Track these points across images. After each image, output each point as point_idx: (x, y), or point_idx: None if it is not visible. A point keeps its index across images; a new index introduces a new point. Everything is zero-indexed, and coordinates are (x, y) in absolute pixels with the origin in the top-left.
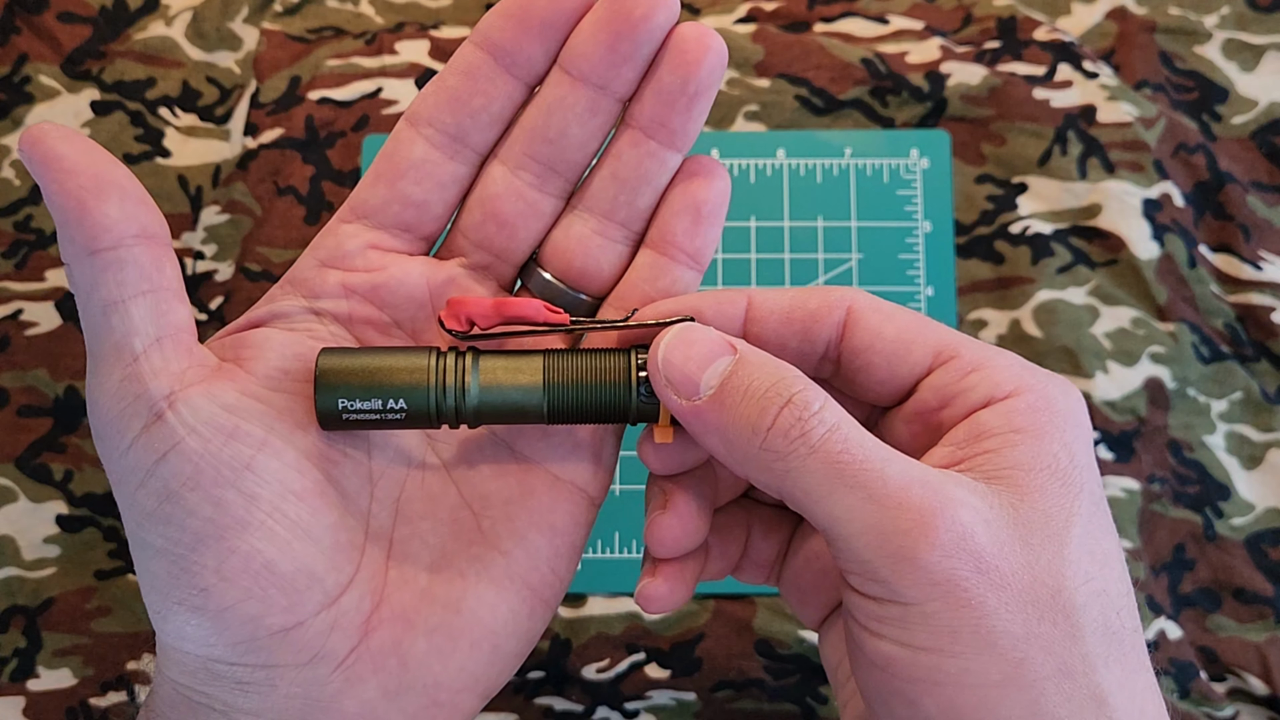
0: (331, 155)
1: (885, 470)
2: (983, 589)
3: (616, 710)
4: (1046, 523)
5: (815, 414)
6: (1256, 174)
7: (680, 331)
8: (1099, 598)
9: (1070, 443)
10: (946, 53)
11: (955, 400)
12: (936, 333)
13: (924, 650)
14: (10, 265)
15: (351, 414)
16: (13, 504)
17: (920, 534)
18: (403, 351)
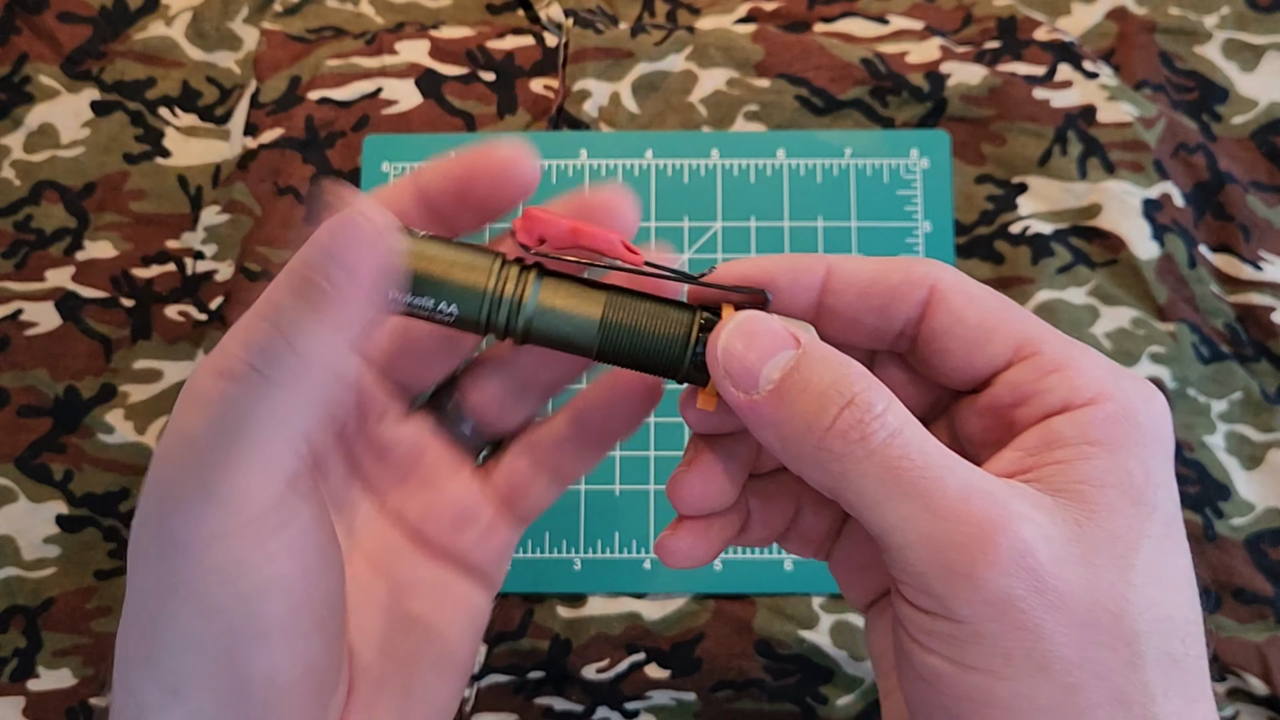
0: (331, 155)
1: (945, 479)
2: (1039, 610)
3: (616, 710)
4: (1113, 544)
5: (877, 417)
6: (1256, 174)
7: (743, 321)
8: (1163, 624)
9: (1147, 459)
10: (946, 53)
11: (1031, 400)
12: (1021, 323)
13: (975, 670)
14: (10, 265)
15: (416, 307)
16: (13, 504)
17: (979, 549)
18: (469, 249)
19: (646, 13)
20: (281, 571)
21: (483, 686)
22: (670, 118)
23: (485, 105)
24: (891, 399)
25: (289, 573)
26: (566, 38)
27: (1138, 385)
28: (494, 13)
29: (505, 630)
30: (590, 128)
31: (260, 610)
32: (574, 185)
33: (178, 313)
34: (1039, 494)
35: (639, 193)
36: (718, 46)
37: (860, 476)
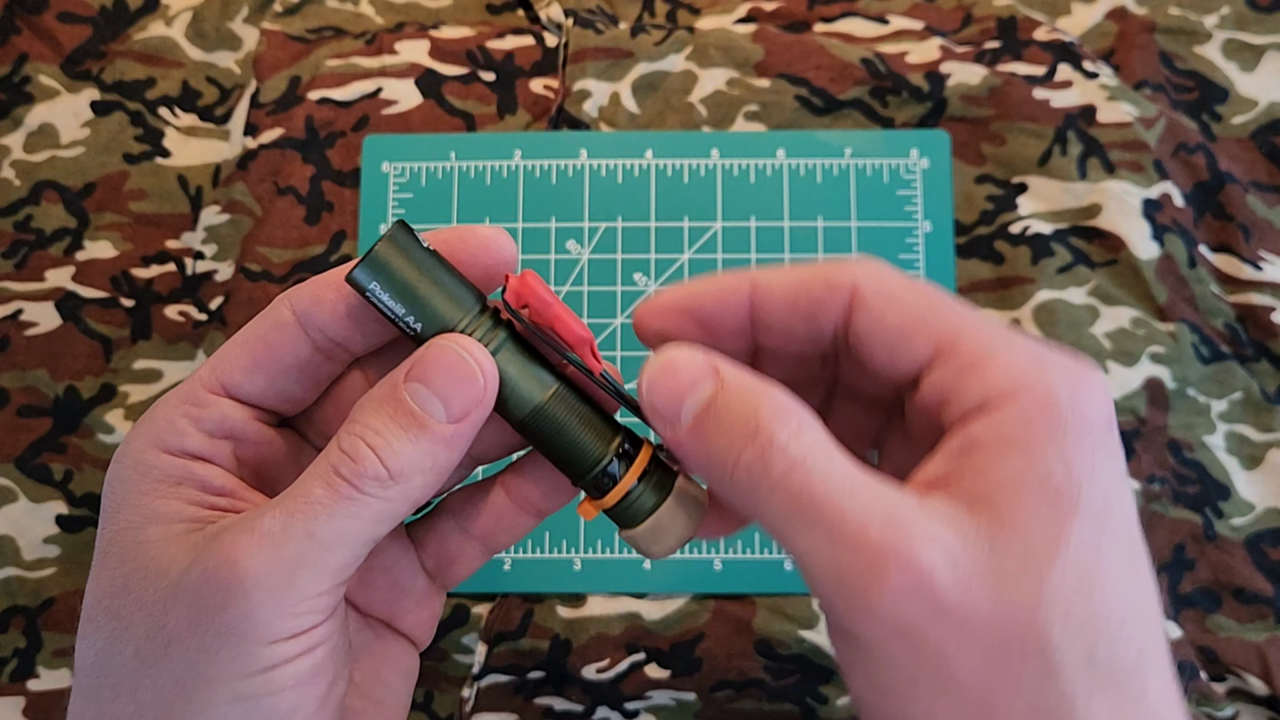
0: (331, 155)
1: (845, 507)
2: (941, 632)
3: (616, 710)
4: (1026, 553)
5: (780, 448)
6: (1256, 174)
7: (666, 357)
8: (1083, 631)
9: (1070, 453)
10: (946, 53)
11: (952, 401)
12: (942, 320)
13: (888, 693)
14: (10, 265)
15: (375, 300)
16: (13, 504)
17: (872, 577)
18: (456, 282)
19: (646, 13)
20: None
21: (483, 686)
22: (670, 118)
23: (485, 105)
24: (800, 426)
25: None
26: (566, 38)
27: (1063, 371)
28: (494, 13)
29: (505, 630)
30: (590, 128)
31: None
32: (574, 185)
33: (178, 313)
34: (953, 508)
35: (639, 193)
36: (718, 46)
37: (768, 508)
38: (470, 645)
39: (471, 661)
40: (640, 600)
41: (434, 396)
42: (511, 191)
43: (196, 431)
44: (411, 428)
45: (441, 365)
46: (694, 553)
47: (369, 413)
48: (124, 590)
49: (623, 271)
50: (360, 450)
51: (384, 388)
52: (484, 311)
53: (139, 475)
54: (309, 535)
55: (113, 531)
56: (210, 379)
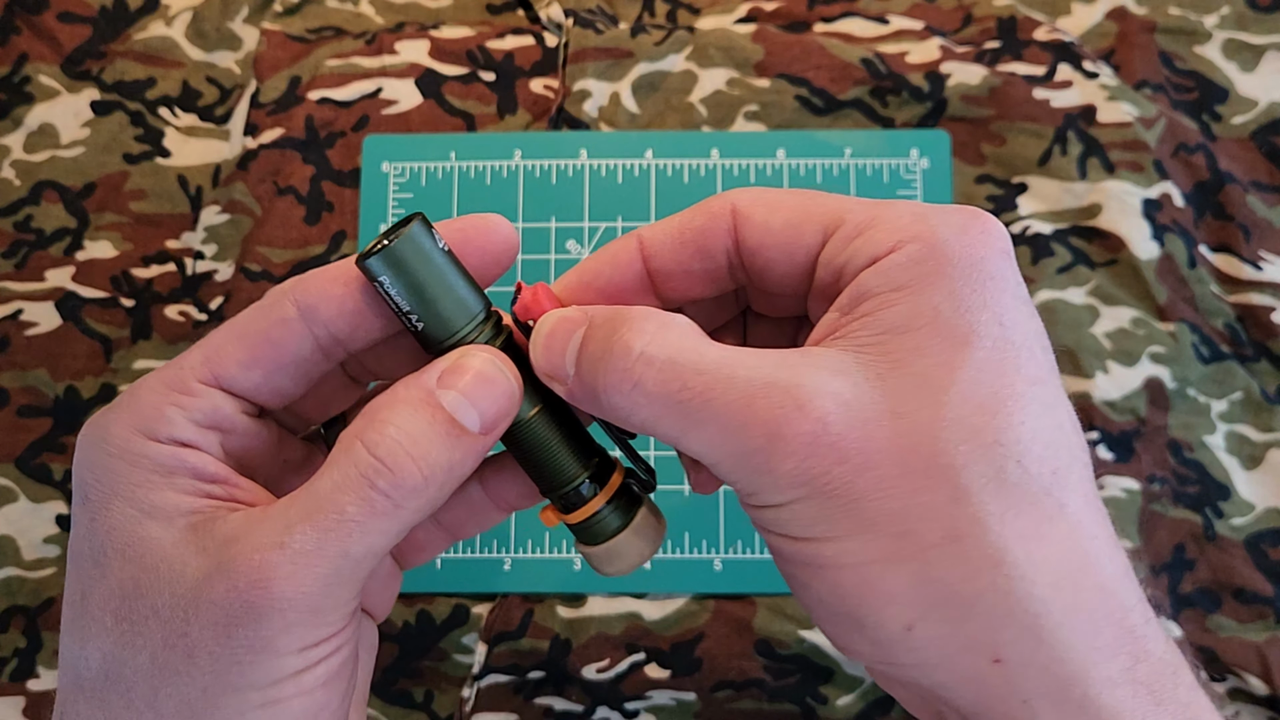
0: (331, 155)
1: (725, 389)
2: (848, 475)
3: (616, 710)
4: (921, 385)
5: (639, 358)
6: (1256, 174)
7: (542, 323)
8: (988, 451)
9: (958, 290)
10: (946, 53)
11: (844, 270)
12: (825, 206)
13: (803, 540)
14: (10, 265)
15: (384, 289)
16: (13, 504)
17: (771, 445)
18: (465, 285)
19: (646, 13)
20: (343, 659)
21: (483, 686)
22: (670, 118)
23: (485, 105)
24: (661, 329)
25: (347, 660)
26: (566, 38)
27: (950, 218)
28: (494, 13)
29: (505, 630)
30: (590, 128)
31: (320, 704)
32: (574, 185)
33: (178, 313)
34: (841, 355)
35: (639, 193)
36: (718, 46)
37: (656, 421)
38: (470, 645)
39: (471, 661)
40: (640, 600)
41: (471, 406)
42: (511, 191)
43: (186, 421)
44: (451, 435)
45: (479, 375)
46: (694, 553)
47: (403, 416)
48: (134, 594)
49: None
50: (400, 459)
51: (415, 391)
52: (488, 319)
53: (128, 465)
54: (344, 554)
55: (108, 526)
56: (202, 369)
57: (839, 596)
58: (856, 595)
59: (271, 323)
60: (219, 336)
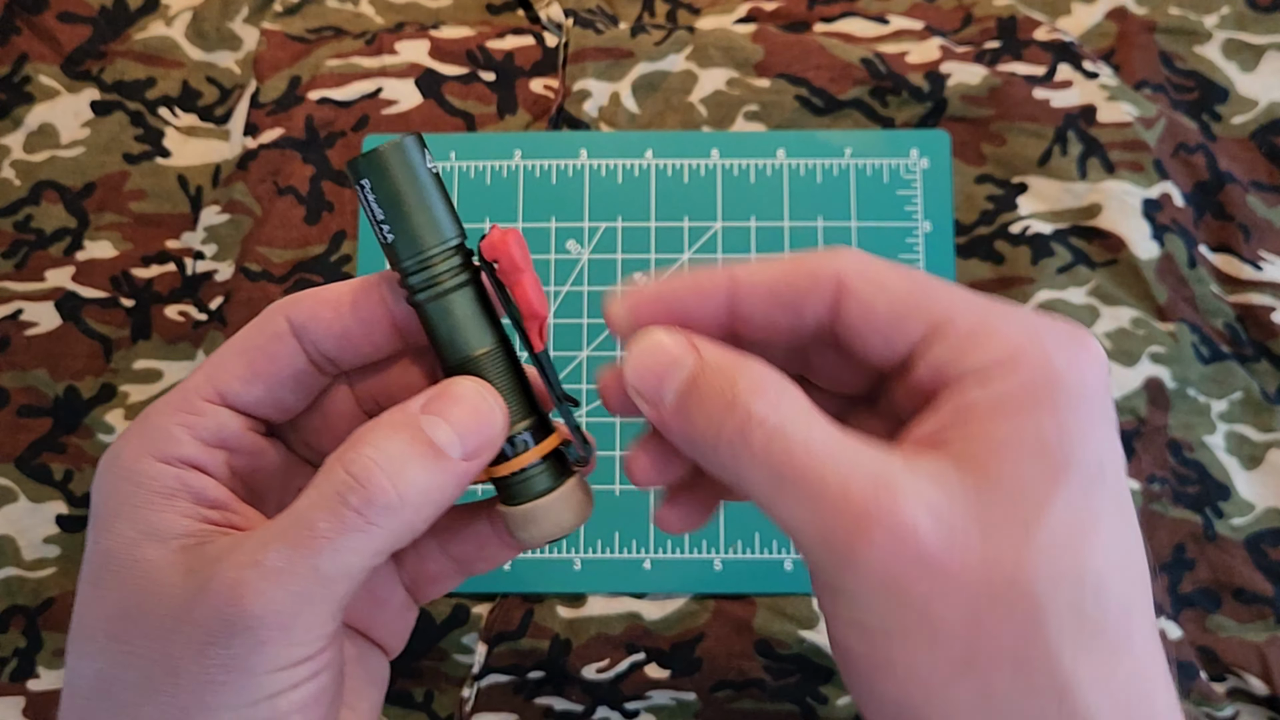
0: (331, 155)
1: (827, 470)
2: (926, 584)
3: (616, 710)
4: (1014, 506)
5: (757, 420)
6: (1256, 174)
7: (644, 341)
8: (1070, 584)
9: (1064, 418)
10: (946, 53)
11: (948, 375)
12: (934, 299)
13: (872, 641)
14: (10, 265)
15: (362, 196)
16: (13, 504)
17: (856, 535)
18: (444, 211)
19: (646, 13)
20: (321, 685)
21: (483, 686)
22: (670, 118)
23: (485, 105)
24: (778, 395)
25: (326, 686)
26: (566, 38)
27: (1061, 340)
28: (494, 13)
29: (505, 630)
30: (590, 128)
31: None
32: (574, 185)
33: (178, 313)
34: (939, 464)
35: (639, 193)
36: (718, 46)
37: (752, 481)
38: (470, 645)
39: (471, 661)
40: (640, 600)
41: (452, 431)
42: (511, 191)
43: (192, 439)
44: (428, 456)
45: (462, 402)
46: (694, 553)
47: (382, 437)
48: (127, 614)
49: (623, 271)
50: (373, 475)
51: (398, 415)
52: (458, 250)
53: (133, 486)
54: (314, 570)
55: (107, 547)
56: (206, 388)
57: (899, 700)
58: (918, 703)
59: (267, 338)
60: (220, 355)
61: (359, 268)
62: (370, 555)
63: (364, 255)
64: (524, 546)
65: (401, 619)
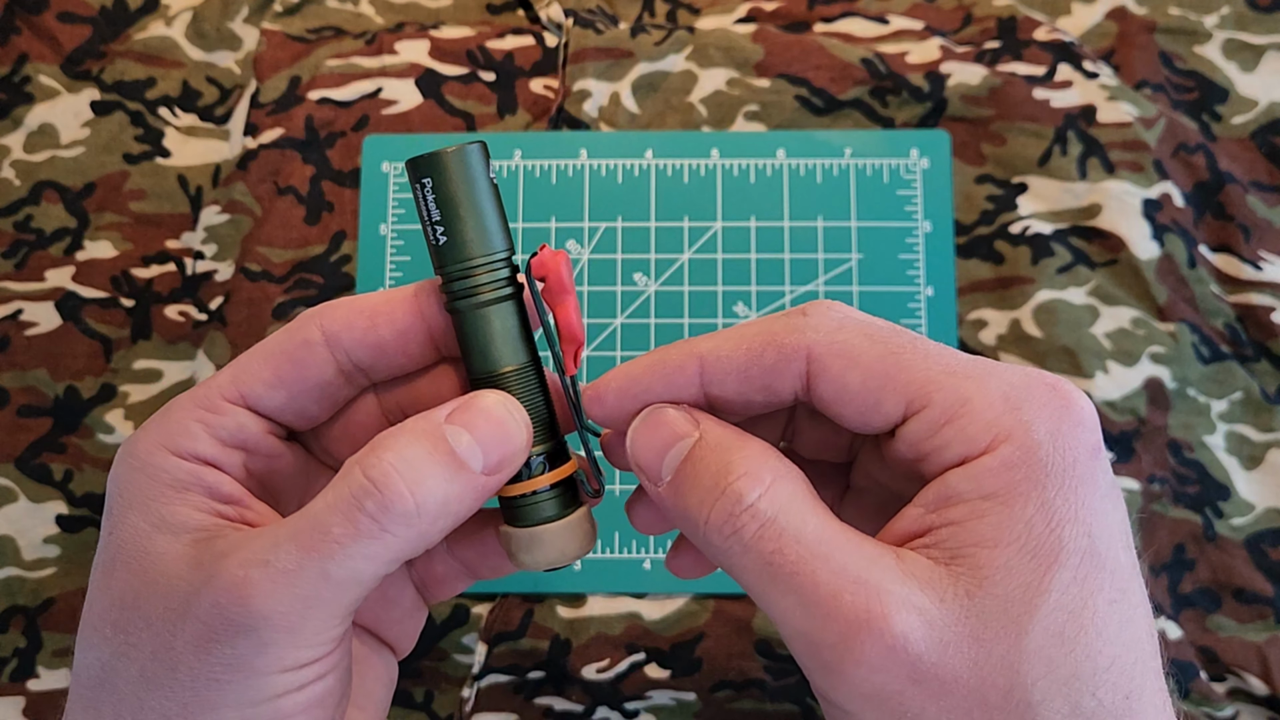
0: (331, 155)
1: (818, 572)
2: (920, 699)
3: (616, 710)
4: (1005, 610)
5: (749, 509)
6: (1256, 174)
7: (647, 416)
8: (1066, 684)
9: (1051, 501)
10: (946, 53)
11: (929, 456)
12: (909, 375)
13: None
14: (10, 265)
15: (421, 195)
16: (13, 504)
17: (846, 649)
18: (498, 223)
19: (646, 13)
20: (326, 688)
21: (483, 686)
22: (670, 118)
23: (485, 105)
24: (773, 482)
25: (331, 688)
26: (566, 38)
27: (1041, 409)
28: (494, 13)
29: (505, 630)
30: (590, 128)
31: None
32: (574, 185)
33: (178, 313)
34: (930, 566)
35: (639, 193)
36: (718, 46)
37: (741, 569)
38: (470, 645)
39: (471, 661)
40: (640, 600)
41: (476, 443)
42: (511, 191)
43: (209, 437)
44: (450, 466)
45: (488, 415)
46: None
47: (404, 444)
48: (133, 604)
49: (623, 271)
50: (391, 481)
51: (422, 423)
52: (505, 263)
53: (147, 478)
54: (324, 575)
55: (120, 538)
56: (230, 389)
57: None
58: None
59: (296, 344)
60: (248, 356)
61: (359, 268)
62: (383, 563)
63: (364, 255)
64: (521, 569)
65: (411, 619)
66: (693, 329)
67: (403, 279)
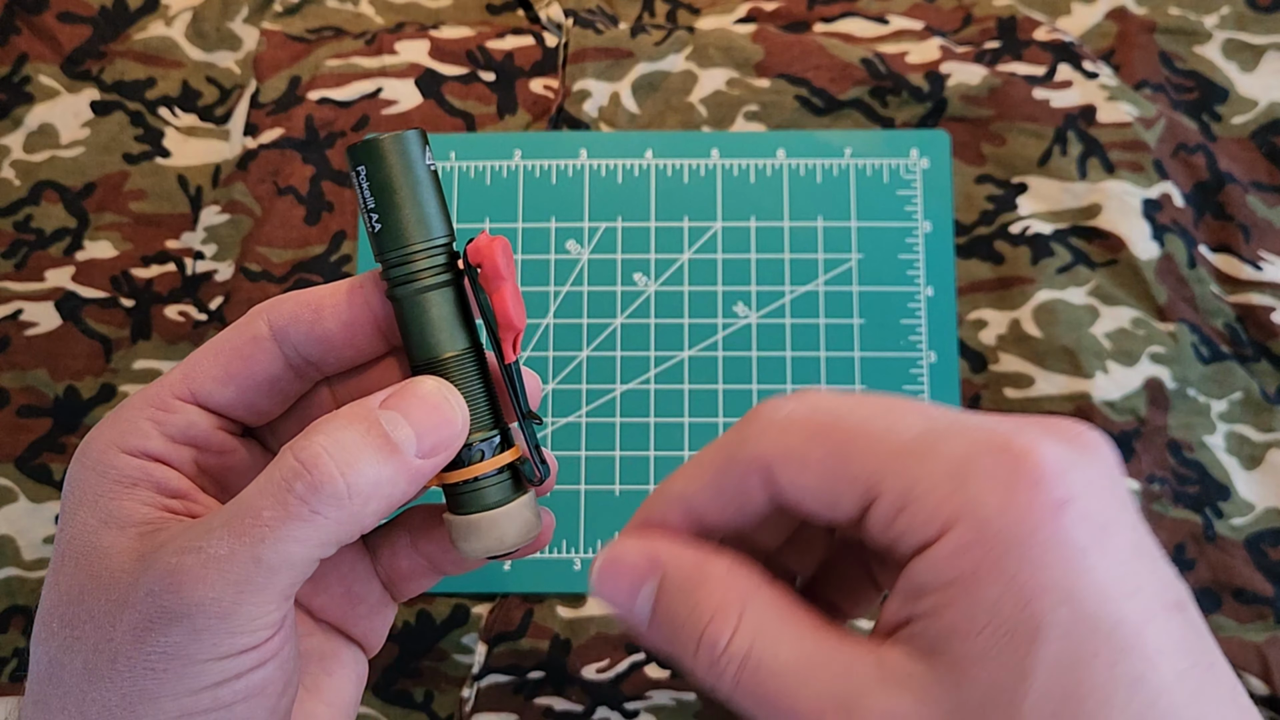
0: (331, 155)
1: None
2: None
3: (616, 710)
4: (991, 701)
5: (724, 652)
6: (1256, 174)
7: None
8: None
9: (1014, 577)
10: (946, 53)
11: (894, 544)
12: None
13: None
14: (10, 265)
15: (356, 181)
16: (13, 504)
17: None
18: (437, 209)
19: (646, 13)
20: (266, 675)
21: (483, 686)
22: (670, 118)
23: (485, 105)
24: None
25: (271, 676)
26: (566, 38)
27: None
28: (494, 13)
29: (505, 630)
30: (590, 128)
31: (241, 718)
32: (574, 185)
33: (178, 313)
34: (910, 665)
35: (639, 193)
36: (718, 46)
37: (736, 703)
38: (470, 645)
39: (471, 661)
40: None
41: (409, 427)
42: (511, 191)
43: (159, 435)
44: (382, 450)
45: (423, 400)
46: None
47: (336, 428)
48: (78, 599)
49: (623, 271)
50: (321, 463)
51: (355, 409)
52: (444, 249)
53: (97, 475)
54: (255, 559)
55: (69, 535)
56: (180, 386)
57: None
58: None
59: (245, 340)
60: (198, 353)
61: (359, 268)
62: (315, 545)
63: (364, 255)
64: (465, 558)
65: (379, 616)
66: (693, 329)
67: None
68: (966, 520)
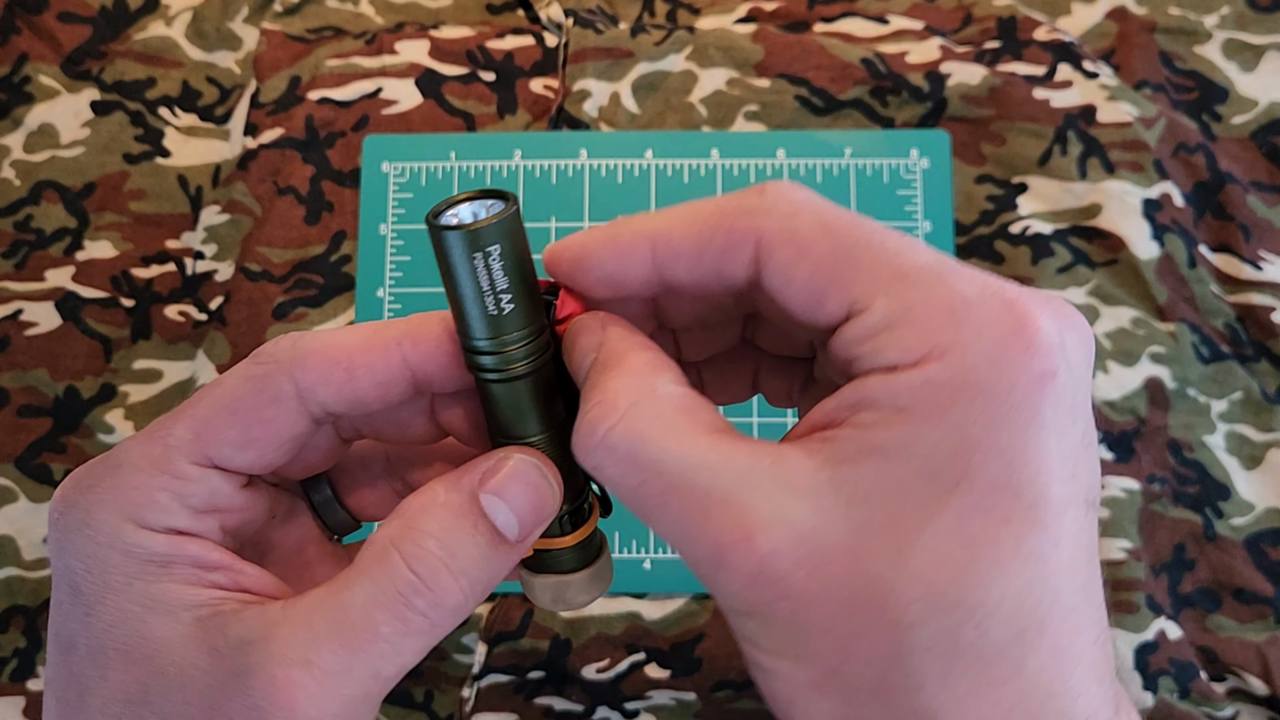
0: (331, 155)
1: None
2: (790, 609)
3: (616, 710)
4: (890, 527)
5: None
6: (1256, 174)
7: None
8: (944, 612)
9: (967, 427)
10: (946, 53)
11: (859, 359)
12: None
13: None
14: (10, 265)
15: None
16: (13, 504)
17: (715, 566)
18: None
19: (646, 13)
20: None
21: (483, 686)
22: (670, 118)
23: (485, 105)
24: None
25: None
26: (566, 38)
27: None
28: (494, 13)
29: (505, 630)
30: (590, 128)
31: None
32: (574, 185)
33: (178, 313)
34: (815, 474)
35: (639, 193)
36: (718, 46)
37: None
38: (470, 645)
39: (471, 661)
40: (640, 600)
41: (512, 513)
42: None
43: (181, 508)
44: (491, 544)
45: (524, 482)
46: None
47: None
48: (143, 700)
49: None
50: (440, 578)
51: (456, 496)
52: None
53: (121, 555)
54: (375, 675)
55: (106, 624)
56: (193, 449)
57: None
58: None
59: (266, 401)
60: (208, 408)
61: (359, 268)
62: (424, 652)
63: (364, 255)
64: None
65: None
66: None
67: (403, 279)
68: (952, 358)
